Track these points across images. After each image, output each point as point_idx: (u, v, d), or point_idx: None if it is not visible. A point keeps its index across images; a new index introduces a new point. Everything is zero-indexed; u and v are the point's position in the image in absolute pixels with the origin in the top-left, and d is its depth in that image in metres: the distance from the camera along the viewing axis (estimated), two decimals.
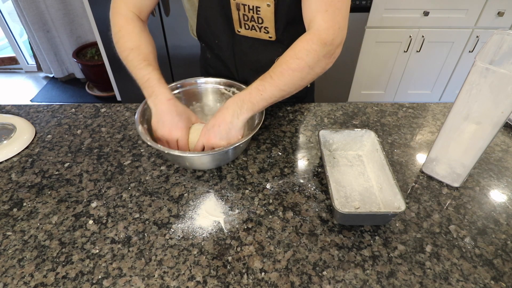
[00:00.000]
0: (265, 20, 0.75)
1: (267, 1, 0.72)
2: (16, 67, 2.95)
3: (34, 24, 2.37)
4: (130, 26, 0.75)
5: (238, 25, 0.78)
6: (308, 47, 0.65)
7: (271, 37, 0.79)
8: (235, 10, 0.75)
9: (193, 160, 0.70)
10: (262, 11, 0.74)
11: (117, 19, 0.75)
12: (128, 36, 0.74)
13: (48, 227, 0.62)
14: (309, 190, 0.69)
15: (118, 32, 0.75)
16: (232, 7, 0.75)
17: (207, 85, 0.86)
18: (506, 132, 0.85)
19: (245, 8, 0.74)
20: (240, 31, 0.80)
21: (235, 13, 0.76)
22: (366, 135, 0.74)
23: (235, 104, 0.67)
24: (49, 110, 0.92)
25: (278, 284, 0.54)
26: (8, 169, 0.74)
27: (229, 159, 0.74)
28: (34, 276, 0.55)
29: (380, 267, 0.56)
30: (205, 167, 0.74)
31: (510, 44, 0.60)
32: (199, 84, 0.86)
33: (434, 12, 1.85)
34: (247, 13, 0.75)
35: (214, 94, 0.87)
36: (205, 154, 0.68)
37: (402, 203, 0.58)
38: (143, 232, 0.61)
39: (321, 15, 0.65)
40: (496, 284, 0.54)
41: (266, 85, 0.66)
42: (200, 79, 0.86)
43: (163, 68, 0.77)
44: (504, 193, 0.70)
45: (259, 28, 0.77)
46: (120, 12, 0.75)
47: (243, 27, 0.78)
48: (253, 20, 0.76)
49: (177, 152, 0.65)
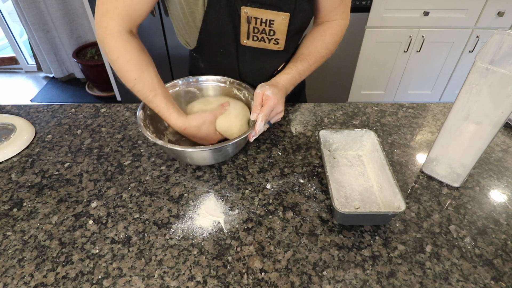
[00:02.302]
0: (277, 32, 0.76)
1: (282, 14, 0.72)
2: (16, 67, 2.95)
3: (34, 24, 2.37)
4: (128, 53, 0.67)
5: (245, 37, 0.78)
6: (336, 39, 0.82)
7: (279, 47, 0.79)
8: (245, 23, 0.74)
9: (195, 154, 0.70)
10: (276, 24, 0.74)
11: (112, 45, 0.66)
12: (128, 65, 0.67)
13: (48, 227, 0.62)
14: (309, 190, 0.69)
15: (116, 60, 0.67)
16: (242, 20, 0.74)
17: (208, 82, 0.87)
18: (506, 132, 0.85)
19: (257, 21, 0.74)
20: (246, 42, 0.79)
21: (244, 26, 0.75)
22: (366, 135, 0.74)
23: (287, 82, 0.77)
24: (49, 110, 0.92)
25: (278, 284, 0.54)
26: (8, 169, 0.74)
27: (229, 155, 0.75)
28: (34, 276, 0.55)
29: (380, 267, 0.56)
30: (207, 162, 0.74)
31: (510, 44, 0.60)
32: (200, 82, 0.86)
33: (434, 12, 1.85)
34: (258, 26, 0.75)
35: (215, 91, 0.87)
36: (207, 149, 0.67)
37: (402, 203, 0.58)
38: (143, 232, 0.61)
39: (340, 9, 0.80)
40: (496, 284, 0.54)
41: (306, 71, 0.80)
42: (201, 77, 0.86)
43: (163, 68, 0.77)
44: (504, 193, 0.70)
45: (268, 40, 0.77)
46: (113, 34, 0.66)
47: (250, 39, 0.78)
48: (264, 32, 0.76)
49: (178, 147, 0.66)
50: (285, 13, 0.72)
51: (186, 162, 0.74)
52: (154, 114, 0.76)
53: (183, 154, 0.69)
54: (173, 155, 0.74)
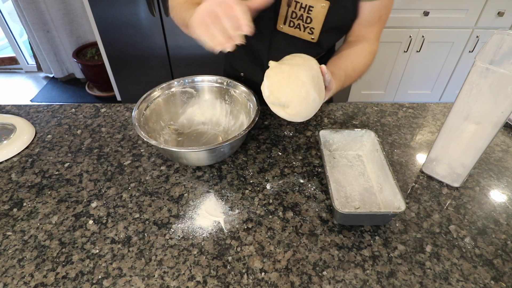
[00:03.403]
0: (314, 21, 0.75)
1: (322, 2, 0.72)
2: (16, 67, 2.95)
3: (34, 24, 2.37)
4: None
5: (282, 21, 0.77)
6: (371, 60, 0.81)
7: (313, 38, 0.78)
8: (285, 6, 0.74)
9: (189, 155, 0.69)
10: (314, 11, 0.73)
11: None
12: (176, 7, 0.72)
13: (48, 227, 0.62)
14: (309, 190, 0.69)
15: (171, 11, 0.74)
16: (283, 2, 0.74)
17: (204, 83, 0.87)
18: (506, 132, 0.85)
19: (297, 6, 0.74)
20: (282, 28, 0.78)
21: (284, 8, 0.75)
22: (366, 135, 0.74)
23: (337, 83, 0.72)
24: (49, 110, 0.92)
25: (278, 284, 0.54)
26: (8, 169, 0.74)
27: (226, 155, 0.74)
28: (34, 276, 0.55)
29: (380, 267, 0.56)
30: (202, 163, 0.73)
31: (510, 44, 0.60)
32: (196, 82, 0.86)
33: (434, 12, 1.85)
34: (297, 10, 0.74)
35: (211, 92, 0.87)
36: (201, 150, 0.67)
37: (402, 203, 0.58)
38: (143, 232, 0.61)
39: (376, 28, 0.80)
40: (496, 284, 0.54)
41: (347, 80, 0.75)
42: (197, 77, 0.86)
43: (163, 68, 0.77)
44: (504, 193, 0.70)
45: (304, 28, 0.77)
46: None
47: (287, 24, 0.77)
48: (301, 18, 0.75)
49: (175, 148, 0.66)
50: (325, 1, 0.72)
51: (182, 162, 0.74)
52: (150, 114, 0.76)
53: (176, 155, 0.69)
54: (168, 155, 0.74)
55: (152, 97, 0.80)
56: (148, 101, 0.78)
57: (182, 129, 0.86)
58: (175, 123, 0.85)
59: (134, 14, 1.74)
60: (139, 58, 1.91)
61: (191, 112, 0.87)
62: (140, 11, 1.72)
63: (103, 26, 1.81)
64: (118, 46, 1.87)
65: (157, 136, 0.78)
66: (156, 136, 0.78)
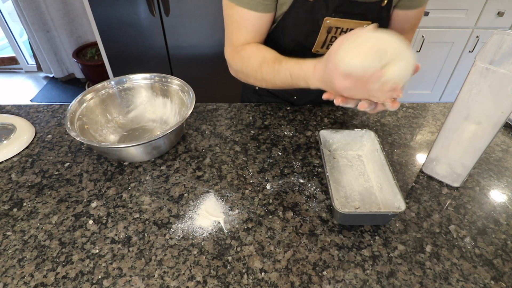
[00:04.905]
0: None
1: (365, 23, 0.71)
2: (16, 67, 2.95)
3: (34, 24, 2.37)
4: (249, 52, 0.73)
5: (319, 46, 0.76)
6: None
7: None
8: (325, 33, 0.73)
9: (118, 152, 0.70)
10: None
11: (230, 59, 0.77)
12: (249, 60, 0.72)
13: (48, 227, 0.62)
14: (309, 190, 0.69)
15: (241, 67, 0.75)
16: (322, 30, 0.72)
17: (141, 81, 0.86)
18: (506, 132, 0.85)
19: (337, 31, 0.72)
20: (318, 51, 0.77)
21: (322, 35, 0.73)
22: (366, 135, 0.74)
23: None
24: (49, 110, 0.92)
25: (278, 284, 0.54)
26: (8, 169, 0.74)
27: (164, 150, 0.75)
28: (34, 276, 0.55)
29: (380, 267, 0.56)
30: (136, 159, 0.74)
31: (510, 44, 0.60)
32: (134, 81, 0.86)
33: (434, 12, 1.85)
34: (337, 35, 0.73)
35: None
36: (136, 145, 0.67)
37: (402, 203, 0.58)
38: (143, 232, 0.61)
39: (409, 36, 0.81)
40: (496, 284, 0.54)
41: None
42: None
43: (163, 68, 0.77)
44: (504, 193, 0.70)
45: None
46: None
47: (324, 47, 0.76)
48: None
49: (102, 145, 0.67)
50: (367, 22, 0.71)
51: (118, 159, 0.75)
52: (94, 106, 0.79)
53: (106, 151, 0.71)
54: (101, 153, 0.76)
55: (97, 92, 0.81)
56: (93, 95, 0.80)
57: (131, 125, 0.86)
58: (124, 118, 0.86)
59: (134, 14, 1.74)
60: (139, 58, 1.91)
61: (142, 109, 0.88)
62: (140, 11, 1.72)
63: (103, 26, 1.81)
64: (118, 46, 1.87)
65: (99, 129, 0.80)
66: (99, 129, 0.80)
